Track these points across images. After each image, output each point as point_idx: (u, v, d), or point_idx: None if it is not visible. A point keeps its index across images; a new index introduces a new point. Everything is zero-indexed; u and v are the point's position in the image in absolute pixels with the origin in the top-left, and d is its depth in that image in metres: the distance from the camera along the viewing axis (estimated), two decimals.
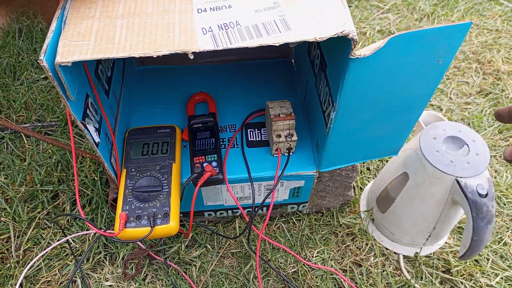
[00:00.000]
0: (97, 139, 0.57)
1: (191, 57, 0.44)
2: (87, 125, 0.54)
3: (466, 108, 1.03)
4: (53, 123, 0.95)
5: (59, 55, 0.43)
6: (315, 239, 0.80)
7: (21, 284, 0.73)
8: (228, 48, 0.44)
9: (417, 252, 0.77)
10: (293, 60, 0.86)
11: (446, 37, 0.47)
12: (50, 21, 0.52)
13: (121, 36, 0.45)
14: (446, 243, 0.79)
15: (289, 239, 0.80)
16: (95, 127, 0.56)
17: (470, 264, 0.76)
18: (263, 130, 0.74)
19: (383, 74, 0.49)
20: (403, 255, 0.78)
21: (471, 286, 0.74)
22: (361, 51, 0.45)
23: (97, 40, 0.45)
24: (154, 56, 0.44)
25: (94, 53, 0.44)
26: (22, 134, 0.93)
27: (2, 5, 1.20)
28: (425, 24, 1.24)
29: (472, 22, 0.46)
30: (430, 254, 0.78)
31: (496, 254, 0.78)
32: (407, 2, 1.31)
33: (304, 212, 0.82)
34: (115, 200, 0.76)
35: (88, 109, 0.55)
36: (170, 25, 0.46)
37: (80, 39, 0.45)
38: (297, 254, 0.77)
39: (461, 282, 0.74)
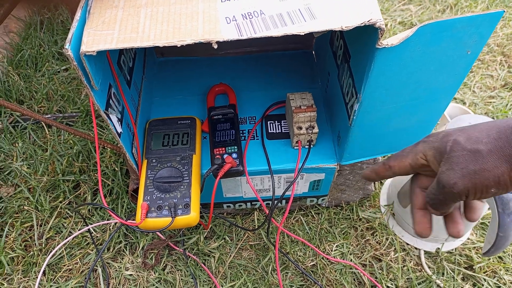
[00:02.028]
0: (119, 130, 0.57)
1: (215, 46, 0.44)
2: (110, 115, 0.54)
3: (490, 102, 1.01)
4: (74, 114, 0.96)
5: (84, 44, 0.43)
6: (334, 233, 0.79)
7: (44, 272, 0.74)
8: (252, 37, 0.44)
9: (438, 248, 0.76)
10: (313, 52, 0.85)
11: (476, 26, 0.45)
12: (73, 11, 0.52)
13: (145, 25, 0.45)
14: (468, 239, 0.78)
15: (307, 232, 0.79)
16: (117, 118, 0.57)
17: (493, 261, 0.75)
18: (283, 122, 0.73)
19: (410, 64, 0.48)
20: (424, 251, 0.76)
21: (495, 283, 0.73)
22: (388, 41, 0.44)
23: (122, 29, 0.45)
24: (178, 46, 0.44)
25: (118, 42, 0.44)
26: (43, 124, 0.94)
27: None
28: (448, 15, 1.21)
29: (504, 11, 0.45)
30: (452, 250, 0.77)
31: None
32: None
33: (323, 205, 0.82)
34: (135, 190, 0.76)
35: (111, 99, 0.55)
36: (194, 14, 0.46)
37: (104, 28, 0.45)
38: (316, 247, 0.76)
39: (484, 279, 0.73)
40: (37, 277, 0.73)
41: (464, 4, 1.24)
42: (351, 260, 0.76)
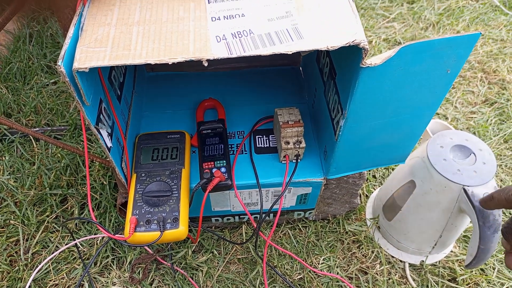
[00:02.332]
0: (109, 144, 0.57)
1: (205, 64, 0.45)
2: (100, 130, 0.54)
3: (472, 117, 1.04)
4: (62, 127, 0.96)
5: (76, 61, 0.44)
6: (321, 246, 0.80)
7: (29, 287, 0.73)
8: (241, 55, 0.45)
9: (422, 261, 0.78)
10: (301, 68, 0.87)
11: (455, 47, 0.48)
12: (66, 27, 0.53)
13: (137, 43, 0.46)
14: (451, 251, 0.80)
15: (295, 246, 0.80)
16: (107, 132, 0.57)
17: (476, 273, 0.76)
18: (271, 136, 0.75)
19: (392, 82, 0.50)
20: (409, 263, 0.78)
21: None
22: (371, 60, 0.46)
23: (114, 47, 0.46)
24: (170, 63, 0.45)
25: (111, 59, 0.45)
26: (31, 138, 0.94)
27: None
28: (430, 33, 1.25)
29: (481, 33, 0.47)
30: (436, 262, 0.78)
31: (502, 264, 0.78)
32: (413, 11, 1.32)
33: (311, 219, 0.83)
34: (123, 204, 0.76)
35: (101, 114, 0.55)
36: (185, 32, 0.47)
37: (97, 46, 0.46)
38: (303, 260, 0.77)
39: None
40: None
41: (446, 22, 1.28)
42: (337, 273, 0.77)
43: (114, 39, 0.47)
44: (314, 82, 0.73)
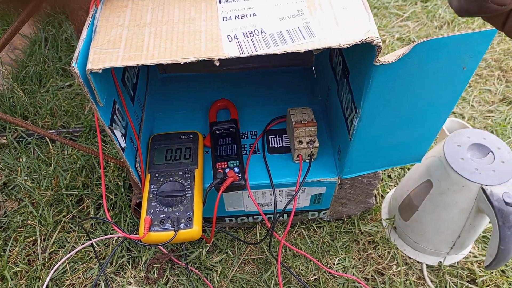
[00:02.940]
0: (123, 144, 0.58)
1: (217, 63, 0.45)
2: (114, 130, 0.55)
3: (489, 116, 1.02)
4: (78, 129, 0.97)
5: (90, 62, 0.45)
6: (336, 247, 0.79)
7: (47, 286, 0.74)
8: (253, 54, 0.45)
9: (440, 262, 0.76)
10: (313, 68, 0.87)
11: (471, 44, 0.47)
12: (79, 29, 0.54)
13: (149, 44, 0.46)
14: (470, 252, 0.78)
15: (309, 246, 0.79)
16: (121, 133, 0.58)
17: (496, 274, 0.75)
18: (284, 136, 0.74)
19: (407, 80, 0.49)
20: (427, 264, 0.76)
21: None
22: (385, 58, 0.46)
23: (127, 48, 0.46)
24: (182, 63, 0.45)
25: (124, 60, 0.45)
26: (47, 139, 0.95)
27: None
28: (445, 31, 1.23)
29: (496, 30, 0.46)
30: (454, 263, 0.77)
31: None
32: (427, 10, 1.30)
33: (325, 219, 0.82)
34: (138, 205, 0.77)
35: (115, 115, 0.56)
36: (197, 32, 0.47)
37: (110, 47, 0.46)
38: (318, 261, 0.76)
39: None
40: None
41: (461, 21, 1.26)
42: (353, 274, 0.76)
43: (127, 40, 0.47)
44: (327, 82, 0.73)
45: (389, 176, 0.90)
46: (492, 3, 0.23)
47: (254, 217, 0.79)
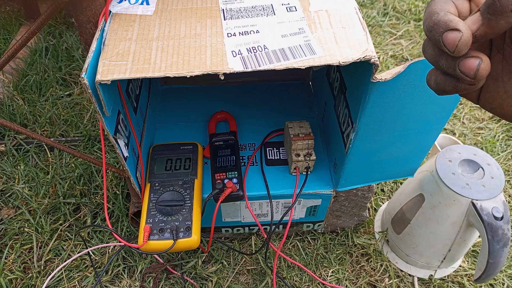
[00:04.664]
0: (126, 154, 0.59)
1: (222, 77, 0.47)
2: (118, 140, 0.56)
3: (479, 133, 1.05)
4: (76, 138, 0.98)
5: (99, 73, 0.46)
6: (330, 259, 0.81)
7: None
8: (256, 70, 0.47)
9: (431, 275, 0.78)
10: (310, 82, 0.89)
11: None
12: (87, 41, 0.56)
13: (156, 57, 0.48)
14: (460, 266, 0.80)
15: (304, 258, 0.81)
16: (124, 142, 0.59)
17: None
18: (282, 149, 0.76)
19: (402, 97, 0.51)
20: (418, 277, 0.78)
21: None
22: (382, 75, 0.48)
23: (135, 60, 0.48)
24: (188, 76, 0.47)
25: (132, 73, 0.47)
26: (45, 147, 0.96)
27: (30, 23, 1.26)
28: None
29: None
30: (445, 277, 0.78)
31: (511, 279, 0.78)
32: (420, 28, 1.34)
33: (319, 231, 0.83)
34: (135, 214, 0.78)
35: (119, 125, 0.57)
36: (202, 47, 0.50)
37: (119, 59, 0.48)
38: (312, 272, 0.77)
39: None
40: None
41: None
42: (346, 286, 0.77)
43: (135, 53, 0.49)
44: (324, 97, 0.75)
45: (382, 190, 0.92)
46: (464, 83, 0.28)
47: (250, 228, 0.80)
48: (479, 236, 0.78)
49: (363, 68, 0.50)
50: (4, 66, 0.60)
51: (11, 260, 0.79)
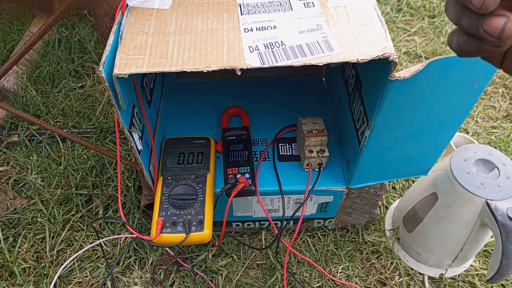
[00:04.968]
0: (140, 147, 0.60)
1: (239, 73, 0.47)
2: (132, 133, 0.57)
3: (493, 132, 1.03)
4: (89, 130, 0.99)
5: (116, 67, 0.47)
6: (340, 255, 0.81)
7: (55, 284, 0.75)
8: (274, 66, 0.47)
9: (442, 274, 0.77)
10: (323, 78, 0.89)
11: (483, 62, 0.48)
12: (104, 35, 0.56)
13: (173, 51, 0.48)
14: (471, 265, 0.79)
15: (314, 254, 0.81)
16: (138, 135, 0.59)
17: None
18: (294, 145, 0.76)
19: (419, 96, 0.51)
20: (428, 276, 0.78)
21: None
22: (400, 73, 0.47)
23: (152, 55, 0.48)
24: (205, 71, 0.47)
25: (149, 67, 0.47)
26: (58, 139, 0.97)
27: (43, 15, 1.26)
28: None
29: None
30: (456, 276, 0.78)
31: None
32: (434, 25, 1.32)
33: (330, 227, 0.83)
34: (147, 206, 0.78)
35: (134, 118, 0.58)
36: (219, 42, 0.49)
37: (136, 53, 0.48)
38: (322, 268, 0.77)
39: None
40: None
41: None
42: (356, 282, 0.77)
43: (152, 47, 0.49)
44: (338, 93, 0.74)
45: (394, 188, 0.92)
46: (488, 44, 0.25)
47: (261, 223, 0.80)
48: (492, 236, 0.78)
49: (381, 65, 0.49)
50: (20, 59, 0.61)
51: (24, 249, 0.80)
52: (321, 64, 0.47)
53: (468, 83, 0.51)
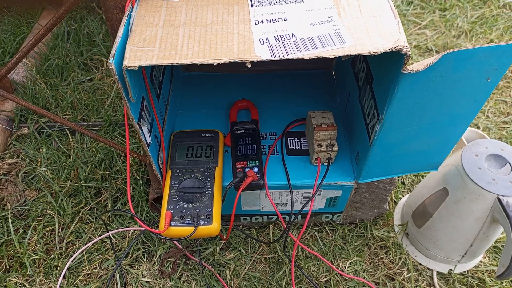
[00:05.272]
0: (149, 140, 0.60)
1: (249, 65, 0.46)
2: (142, 126, 0.56)
3: (504, 127, 1.02)
4: (97, 123, 0.99)
5: (126, 59, 0.46)
6: (348, 250, 0.80)
7: (64, 275, 0.76)
8: (284, 58, 0.46)
9: (451, 269, 0.77)
10: (333, 72, 0.88)
11: (498, 56, 0.48)
12: (113, 27, 0.55)
13: (183, 44, 0.48)
14: (481, 261, 0.79)
15: (322, 248, 0.81)
16: (148, 128, 0.59)
17: (506, 285, 0.75)
18: (303, 139, 0.75)
19: (432, 89, 0.50)
20: (437, 272, 0.77)
21: None
22: (413, 66, 0.47)
23: (162, 47, 0.48)
24: (215, 64, 0.46)
25: (159, 59, 0.46)
26: (67, 131, 0.97)
27: (52, 8, 1.27)
28: (462, 41, 1.24)
29: None
30: (465, 272, 0.77)
31: None
32: (445, 18, 1.31)
33: (338, 222, 0.83)
34: (155, 199, 0.79)
35: (143, 111, 0.57)
36: (229, 34, 0.49)
37: (145, 45, 0.48)
38: (330, 263, 0.77)
39: None
40: (57, 280, 0.75)
41: (479, 31, 1.26)
42: (364, 277, 0.77)
43: (162, 39, 0.49)
44: (348, 86, 0.74)
45: (403, 183, 0.91)
46: None
47: (269, 217, 0.80)
48: (502, 232, 0.77)
49: (393, 58, 0.48)
50: (29, 51, 0.61)
51: (34, 241, 0.81)
52: (332, 57, 0.46)
53: (482, 77, 0.50)
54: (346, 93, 0.75)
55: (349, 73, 0.72)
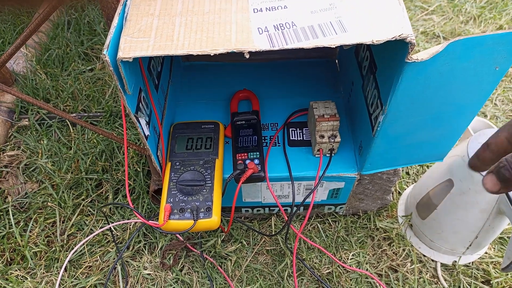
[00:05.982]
0: (147, 132, 0.58)
1: (247, 56, 0.45)
2: (139, 118, 0.55)
3: None
4: (98, 113, 0.98)
5: (121, 50, 0.45)
6: (350, 242, 0.79)
7: (65, 268, 0.76)
8: (284, 48, 0.45)
9: (455, 261, 0.76)
10: (336, 61, 0.86)
11: (506, 44, 0.46)
12: (109, 16, 0.54)
13: (179, 34, 0.46)
14: (486, 253, 0.77)
15: (324, 240, 0.80)
16: (145, 121, 0.58)
17: (511, 277, 0.74)
18: (305, 130, 0.74)
19: (438, 79, 0.48)
20: (441, 263, 0.76)
21: None
22: (418, 55, 0.45)
23: (157, 37, 0.46)
24: (211, 54, 0.45)
25: (154, 50, 0.45)
26: (68, 122, 0.96)
27: None
28: (471, 27, 1.21)
29: None
30: (469, 263, 0.76)
31: None
32: (453, 4, 1.27)
33: (341, 213, 0.82)
34: (156, 191, 0.78)
35: (140, 103, 0.56)
36: (227, 24, 0.47)
37: (141, 36, 0.46)
38: (332, 255, 0.76)
39: None
40: (59, 273, 0.75)
41: (488, 16, 1.23)
42: (367, 269, 0.76)
43: (157, 29, 0.47)
44: (351, 76, 0.72)
45: (407, 173, 0.90)
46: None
47: (270, 208, 0.79)
48: (508, 224, 0.75)
49: (397, 47, 0.46)
50: (25, 41, 0.59)
51: (35, 234, 0.80)
52: (334, 46, 0.44)
53: (490, 65, 0.48)
54: (349, 83, 0.73)
55: (353, 62, 0.70)
